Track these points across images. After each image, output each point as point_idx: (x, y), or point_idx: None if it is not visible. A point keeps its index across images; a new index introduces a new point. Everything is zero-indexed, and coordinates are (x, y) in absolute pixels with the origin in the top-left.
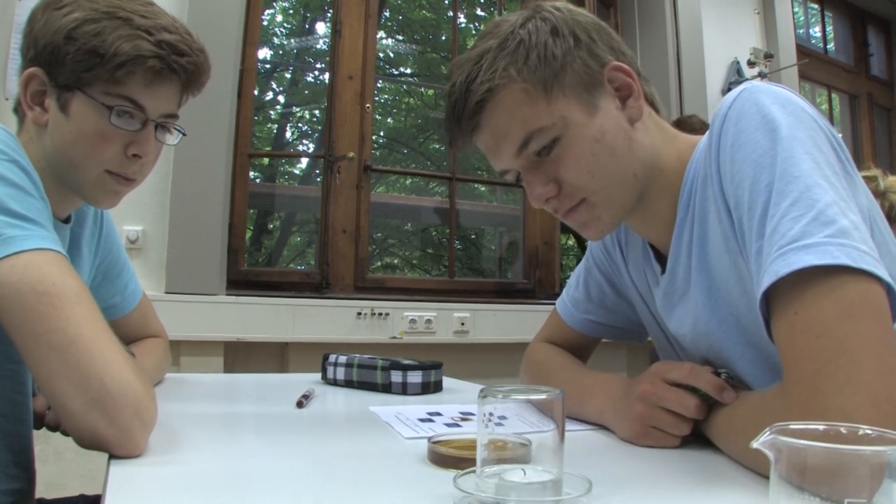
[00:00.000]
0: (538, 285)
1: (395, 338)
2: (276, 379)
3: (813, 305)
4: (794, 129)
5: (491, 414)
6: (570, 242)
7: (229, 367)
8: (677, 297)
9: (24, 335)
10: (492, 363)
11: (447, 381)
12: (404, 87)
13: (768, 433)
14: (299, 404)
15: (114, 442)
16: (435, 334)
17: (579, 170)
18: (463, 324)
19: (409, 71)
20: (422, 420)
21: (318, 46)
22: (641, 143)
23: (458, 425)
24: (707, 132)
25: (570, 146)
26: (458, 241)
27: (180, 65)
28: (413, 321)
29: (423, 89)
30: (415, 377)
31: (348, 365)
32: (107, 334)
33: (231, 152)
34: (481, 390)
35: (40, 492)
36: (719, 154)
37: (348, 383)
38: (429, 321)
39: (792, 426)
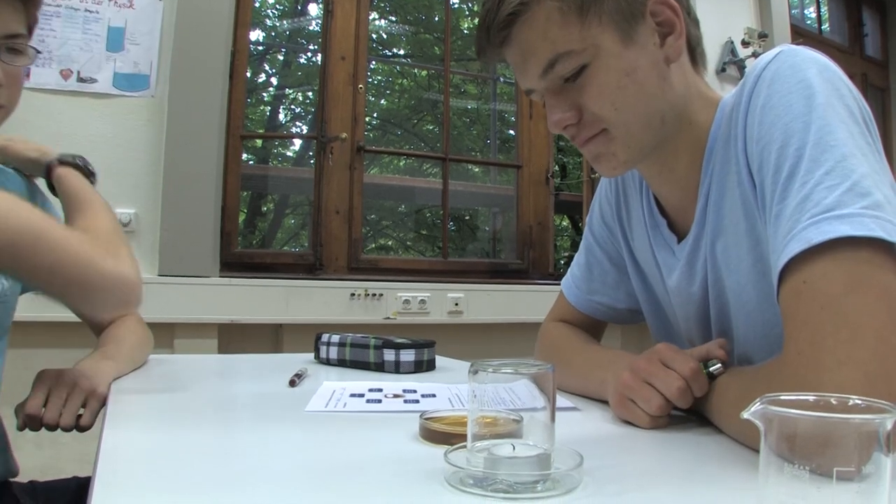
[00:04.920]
0: (532, 266)
1: (388, 318)
2: (269, 359)
3: (822, 275)
4: (831, 96)
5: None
6: (565, 223)
7: (223, 349)
8: (699, 265)
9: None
10: (486, 343)
11: (441, 360)
12: (397, 68)
13: (759, 403)
14: (292, 383)
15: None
16: (429, 315)
17: (603, 101)
18: (457, 304)
19: (402, 52)
20: (354, 395)
21: (311, 28)
22: (676, 87)
23: (378, 401)
24: (735, 91)
25: (598, 75)
26: (451, 222)
27: None
28: (407, 302)
29: (416, 70)
30: (407, 356)
31: (341, 344)
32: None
33: (223, 134)
34: (472, 364)
35: (35, 475)
36: (748, 114)
37: (341, 362)
38: (422, 301)
39: (783, 397)
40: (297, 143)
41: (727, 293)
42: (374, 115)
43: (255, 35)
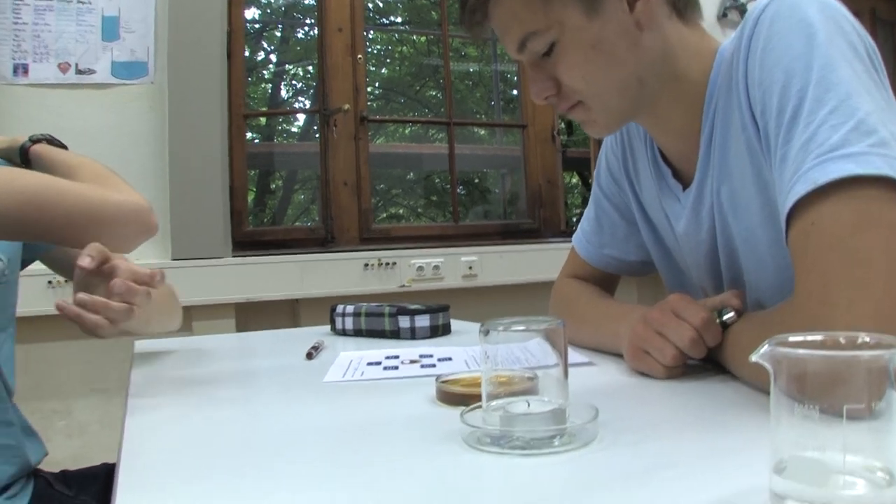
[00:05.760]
0: (543, 224)
1: (403, 286)
2: (286, 334)
3: (830, 216)
4: (833, 34)
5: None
6: (574, 180)
7: (242, 328)
8: (704, 212)
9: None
10: (501, 305)
11: (456, 324)
12: (395, 36)
13: (767, 346)
14: (309, 356)
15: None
16: (443, 280)
17: (573, 75)
18: (471, 268)
19: (399, 19)
20: (372, 364)
21: (306, 2)
22: (651, 49)
23: (395, 368)
24: (734, 36)
25: (566, 51)
26: (461, 186)
27: None
28: (420, 268)
29: (415, 37)
30: (422, 321)
31: (356, 314)
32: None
33: (226, 114)
34: (482, 325)
35: (67, 464)
36: (748, 58)
37: (357, 332)
38: (436, 267)
39: (791, 338)
40: (302, 118)
41: (735, 239)
42: (377, 84)
43: (251, 13)
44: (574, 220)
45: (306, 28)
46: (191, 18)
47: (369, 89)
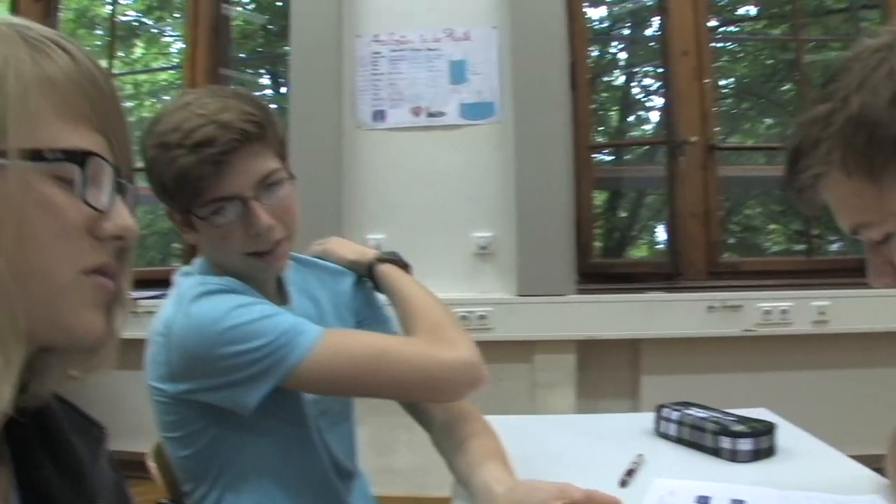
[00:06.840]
0: None
1: (747, 331)
2: (615, 425)
3: None
4: None
5: None
6: None
7: (582, 365)
8: None
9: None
10: (855, 356)
11: (785, 435)
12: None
13: None
14: (623, 484)
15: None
16: (791, 325)
17: None
18: (822, 313)
19: (752, 11)
20: None
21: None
22: None
23: None
24: None
25: None
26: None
27: (223, 150)
28: (767, 312)
29: (770, 30)
30: (745, 445)
31: (680, 423)
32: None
33: (571, 147)
34: None
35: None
36: None
37: (679, 440)
38: (784, 311)
39: None
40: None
41: None
42: (730, 79)
43: (598, 12)
44: None
45: (653, 28)
46: (534, 55)
47: (721, 83)
